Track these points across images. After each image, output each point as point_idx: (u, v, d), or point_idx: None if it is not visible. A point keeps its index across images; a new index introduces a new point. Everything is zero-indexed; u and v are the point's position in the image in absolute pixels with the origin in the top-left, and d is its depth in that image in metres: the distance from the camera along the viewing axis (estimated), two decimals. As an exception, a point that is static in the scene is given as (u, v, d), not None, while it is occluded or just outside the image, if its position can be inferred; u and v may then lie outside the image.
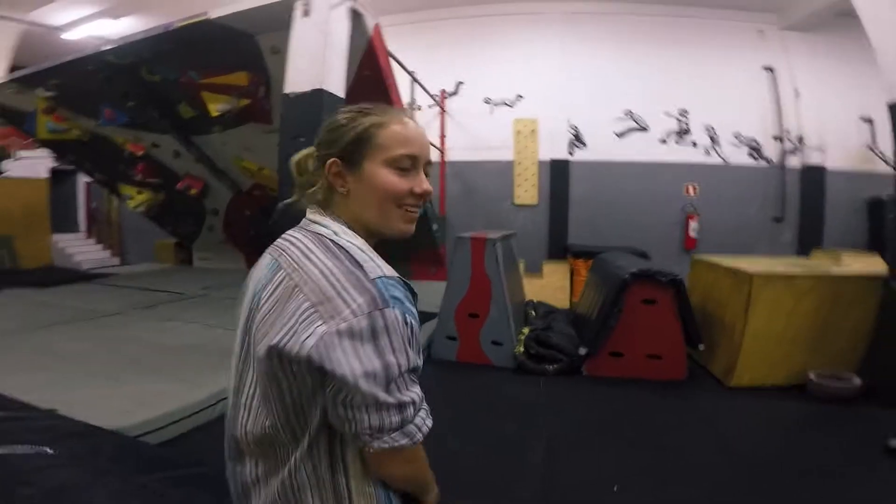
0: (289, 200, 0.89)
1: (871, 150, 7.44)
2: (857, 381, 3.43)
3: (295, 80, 3.47)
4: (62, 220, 9.48)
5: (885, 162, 7.45)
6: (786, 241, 7.54)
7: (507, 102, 7.55)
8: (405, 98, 6.22)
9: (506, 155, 7.55)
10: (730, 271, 4.02)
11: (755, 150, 7.51)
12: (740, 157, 7.49)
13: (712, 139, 7.46)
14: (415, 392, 0.72)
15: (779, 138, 7.44)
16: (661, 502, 2.21)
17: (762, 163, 7.48)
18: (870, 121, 7.38)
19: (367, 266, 0.71)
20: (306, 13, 3.58)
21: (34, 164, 9.01)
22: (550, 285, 6.73)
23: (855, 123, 7.39)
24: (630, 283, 3.83)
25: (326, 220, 0.80)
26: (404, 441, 0.71)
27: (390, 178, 0.79)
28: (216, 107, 4.91)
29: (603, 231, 7.38)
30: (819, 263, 4.95)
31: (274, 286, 0.74)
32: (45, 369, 3.04)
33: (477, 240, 4.23)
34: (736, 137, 7.46)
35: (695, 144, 7.47)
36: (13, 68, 6.02)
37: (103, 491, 1.75)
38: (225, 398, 2.80)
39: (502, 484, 2.31)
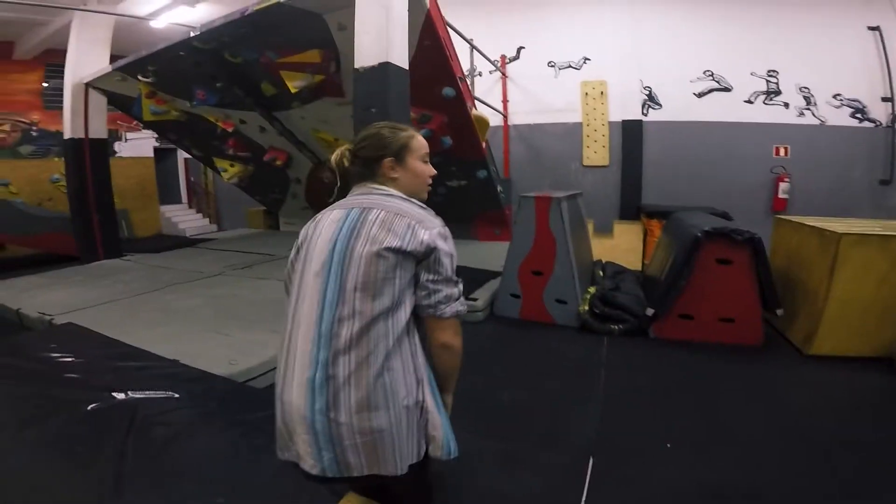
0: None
1: None
2: None
3: (363, 54, 3.65)
4: (167, 193, 10.65)
5: None
6: (893, 205, 6.81)
7: (572, 65, 7.41)
8: (465, 65, 6.23)
9: (572, 117, 7.42)
10: (815, 231, 3.70)
11: (859, 111, 6.78)
12: (841, 118, 6.84)
13: (807, 100, 6.86)
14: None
15: (888, 99, 6.64)
16: (716, 470, 2.14)
17: (867, 124, 6.74)
18: None
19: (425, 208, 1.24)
20: (367, -10, 3.72)
21: (140, 144, 10.17)
22: (621, 246, 6.60)
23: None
24: (703, 242, 3.66)
25: (390, 189, 1.26)
26: (462, 308, 1.19)
27: (423, 167, 1.33)
28: (294, 83, 5.23)
29: (681, 192, 7.10)
30: None
31: (374, 219, 1.14)
32: (165, 324, 3.58)
33: (542, 199, 4.24)
34: (836, 98, 6.80)
35: (786, 105, 6.91)
36: (112, 58, 6.68)
37: (211, 428, 2.13)
38: None
39: (556, 434, 2.45)
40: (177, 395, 2.32)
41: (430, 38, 4.26)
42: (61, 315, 3.78)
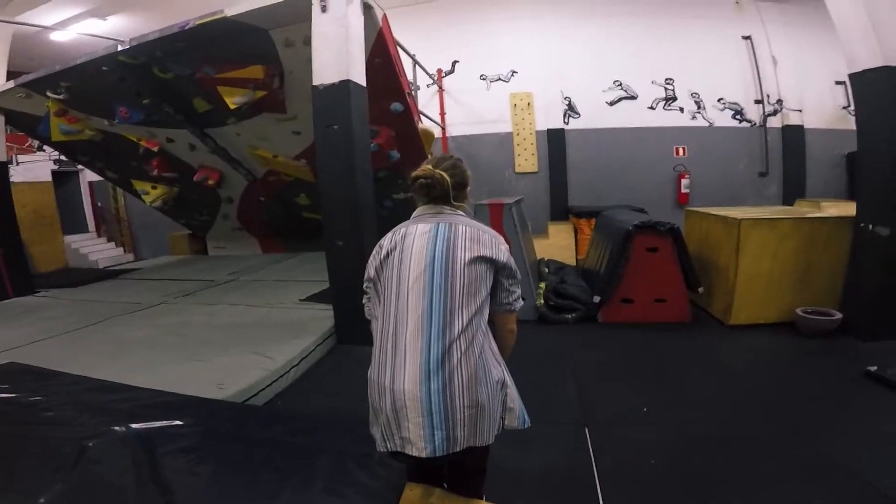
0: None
1: (847, 110, 7.91)
2: (837, 316, 3.78)
3: (322, 72, 3.74)
4: (70, 221, 9.62)
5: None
6: (771, 193, 8.08)
7: (502, 78, 7.94)
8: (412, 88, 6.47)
9: (504, 127, 7.95)
10: (720, 219, 4.40)
11: (738, 113, 7.98)
12: (724, 120, 7.98)
13: (697, 104, 7.91)
14: None
15: (759, 101, 7.89)
16: (680, 423, 2.57)
17: (745, 124, 7.96)
18: (843, 84, 7.81)
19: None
20: (324, 9, 3.83)
21: (35, 167, 9.10)
22: (556, 244, 7.17)
23: (830, 87, 7.86)
24: (634, 234, 4.27)
25: (458, 211, 1.53)
26: (522, 302, 1.53)
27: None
28: (234, 99, 5.09)
29: (601, 192, 7.86)
30: (799, 210, 5.40)
31: (463, 233, 1.42)
32: (126, 356, 3.35)
33: (495, 205, 4.69)
34: (720, 102, 7.94)
35: (682, 110, 7.93)
36: (8, 72, 6.05)
37: (238, 447, 2.07)
38: (296, 364, 3.41)
39: (548, 413, 2.70)
40: (180, 423, 2.24)
41: (380, 55, 4.43)
42: (-4, 357, 3.39)
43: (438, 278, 1.35)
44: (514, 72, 7.89)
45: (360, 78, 3.83)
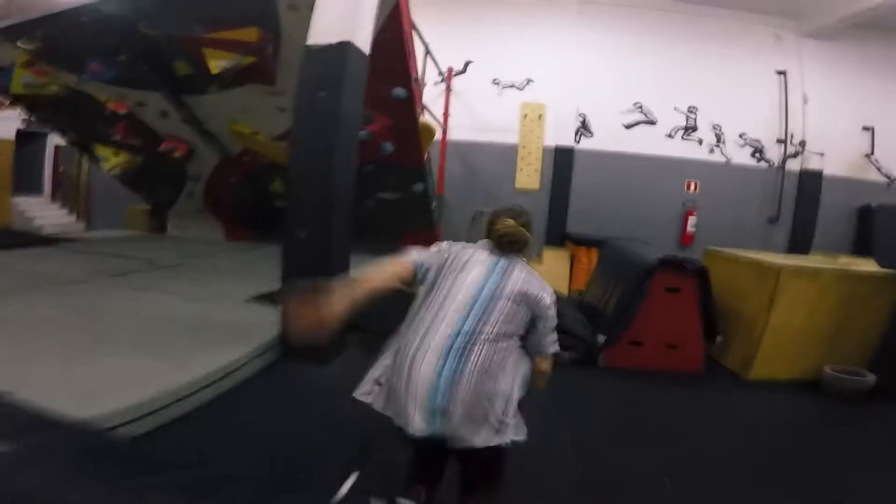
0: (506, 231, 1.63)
1: (868, 158, 7.56)
2: (870, 377, 3.43)
3: (320, 30, 3.12)
4: (26, 183, 8.78)
5: (879, 170, 7.62)
6: (778, 242, 7.63)
7: (516, 85, 7.38)
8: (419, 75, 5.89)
9: (510, 138, 7.38)
10: (753, 264, 3.95)
11: (758, 151, 7.55)
12: (743, 157, 7.56)
13: (718, 137, 7.48)
14: None
15: (782, 141, 7.47)
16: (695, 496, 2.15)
17: (763, 164, 7.52)
18: (871, 130, 7.48)
19: None
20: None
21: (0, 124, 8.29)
22: (550, 271, 6.54)
23: (856, 132, 7.51)
24: (656, 270, 3.71)
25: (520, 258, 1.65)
26: (557, 348, 1.62)
27: None
28: (218, 63, 4.49)
29: (602, 221, 7.29)
30: (840, 261, 4.93)
31: (518, 273, 1.56)
32: (3, 342, 2.60)
33: None
34: (741, 137, 7.51)
35: (700, 142, 7.47)
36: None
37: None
38: (217, 381, 2.55)
39: (551, 485, 2.11)
40: (4, 448, 1.49)
41: (392, 28, 3.86)
42: None
43: (486, 296, 1.52)
44: (529, 80, 7.34)
45: (363, 44, 3.20)
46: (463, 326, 1.45)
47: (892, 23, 6.98)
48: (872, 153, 7.55)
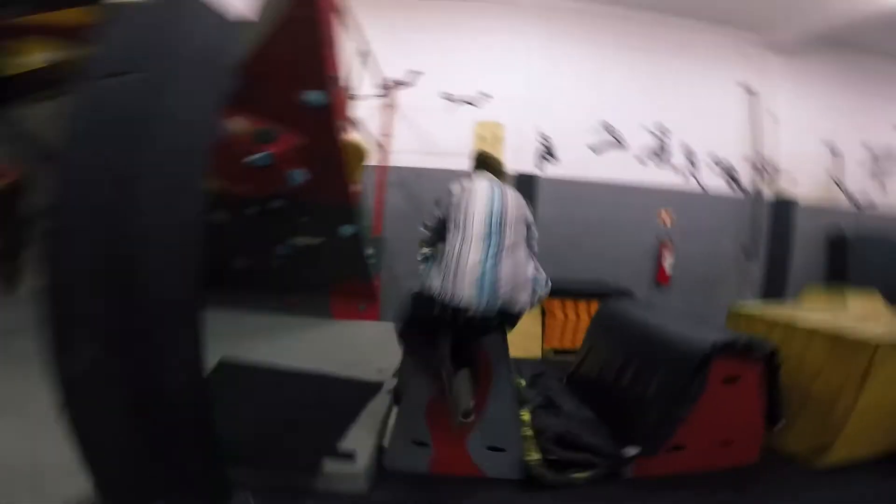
0: None
1: (836, 183, 7.11)
2: None
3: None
4: None
5: (848, 197, 7.20)
6: (755, 275, 6.90)
7: (470, 101, 6.15)
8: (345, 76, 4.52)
9: (463, 163, 6.06)
10: (827, 337, 3.06)
11: (732, 178, 6.84)
12: (717, 183, 6.81)
13: (692, 163, 6.67)
14: None
15: (755, 166, 6.84)
16: None
17: (737, 192, 6.84)
18: (836, 152, 7.06)
19: None
20: None
21: None
22: (519, 330, 5.22)
23: (824, 155, 7.03)
24: (713, 359, 2.63)
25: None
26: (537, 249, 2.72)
27: None
28: (36, 58, 3.01)
29: (567, 261, 6.16)
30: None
31: (511, 194, 2.58)
32: None
33: None
34: (714, 162, 6.76)
35: (673, 167, 6.65)
36: None
37: None
38: None
39: None
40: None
41: (306, 5, 2.50)
42: None
43: (497, 215, 2.37)
44: (486, 96, 6.17)
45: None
46: (490, 242, 2.30)
47: (860, 40, 6.65)
48: (840, 178, 7.11)
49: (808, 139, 6.87)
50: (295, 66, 2.89)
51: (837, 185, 7.13)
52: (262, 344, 3.77)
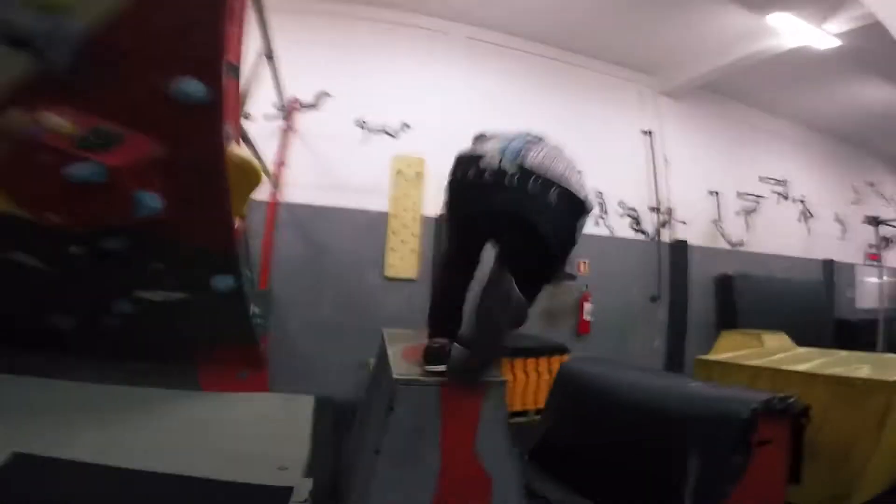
0: None
1: (715, 225, 7.66)
2: None
3: None
4: None
5: (726, 240, 7.79)
6: (661, 319, 6.99)
7: (388, 130, 5.37)
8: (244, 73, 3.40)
9: (378, 203, 5.24)
10: (832, 379, 3.03)
11: (636, 221, 6.96)
12: (624, 228, 6.86)
13: (601, 206, 6.61)
14: None
15: (654, 209, 7.05)
16: None
17: (640, 235, 6.96)
18: (716, 195, 7.63)
19: None
20: None
21: None
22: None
23: (705, 197, 7.55)
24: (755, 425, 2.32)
25: None
26: None
27: None
28: None
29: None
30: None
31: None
32: None
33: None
34: (620, 206, 6.83)
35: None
36: None
37: None
38: None
39: None
40: None
41: None
42: None
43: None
44: (406, 125, 5.44)
45: None
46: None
47: (732, 87, 7.37)
48: (718, 219, 7.67)
49: (694, 181, 7.34)
50: (171, 40, 1.85)
51: (715, 226, 7.69)
52: (90, 428, 2.35)
